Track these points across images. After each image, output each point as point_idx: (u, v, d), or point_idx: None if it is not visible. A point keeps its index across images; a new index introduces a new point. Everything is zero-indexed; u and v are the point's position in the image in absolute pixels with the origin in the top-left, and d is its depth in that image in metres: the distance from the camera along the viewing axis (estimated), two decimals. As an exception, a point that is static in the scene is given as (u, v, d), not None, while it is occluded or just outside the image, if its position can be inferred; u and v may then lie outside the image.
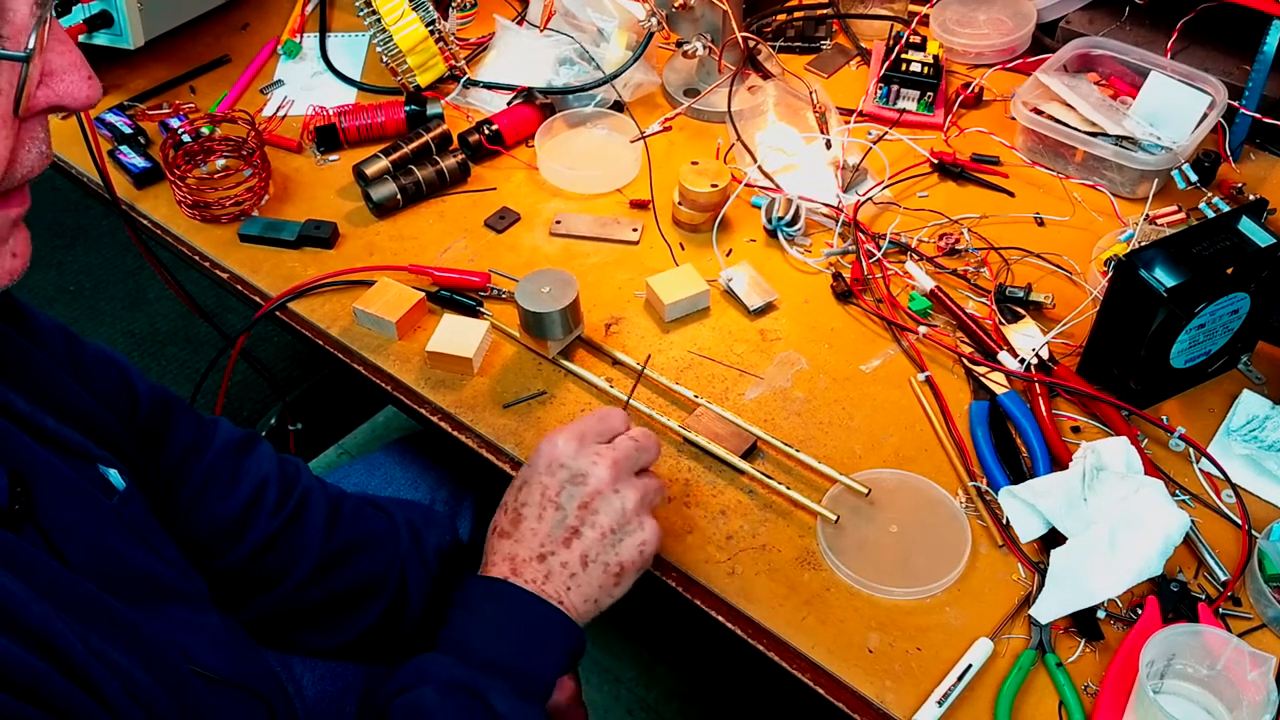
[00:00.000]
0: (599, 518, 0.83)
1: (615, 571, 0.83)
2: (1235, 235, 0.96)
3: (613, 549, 0.83)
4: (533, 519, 0.84)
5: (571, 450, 0.84)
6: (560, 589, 0.82)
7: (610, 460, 0.84)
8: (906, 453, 0.99)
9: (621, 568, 0.83)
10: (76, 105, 0.62)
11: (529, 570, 0.82)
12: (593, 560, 0.82)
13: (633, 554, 0.83)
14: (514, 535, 0.84)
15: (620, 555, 0.83)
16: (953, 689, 0.82)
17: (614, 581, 0.83)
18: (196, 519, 0.88)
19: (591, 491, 0.83)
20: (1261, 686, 0.78)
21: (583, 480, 0.83)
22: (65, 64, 0.62)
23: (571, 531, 0.83)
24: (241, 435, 0.94)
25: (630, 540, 0.83)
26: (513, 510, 0.85)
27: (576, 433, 0.86)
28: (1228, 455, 0.97)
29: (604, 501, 0.83)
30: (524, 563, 0.83)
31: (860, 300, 1.12)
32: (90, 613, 0.64)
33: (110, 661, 0.61)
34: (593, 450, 0.85)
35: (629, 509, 0.83)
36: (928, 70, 1.30)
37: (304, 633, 0.94)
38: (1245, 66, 1.22)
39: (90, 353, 0.85)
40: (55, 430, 0.72)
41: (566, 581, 0.82)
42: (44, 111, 0.62)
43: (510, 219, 1.24)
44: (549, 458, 0.85)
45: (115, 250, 2.54)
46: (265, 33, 1.53)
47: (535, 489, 0.85)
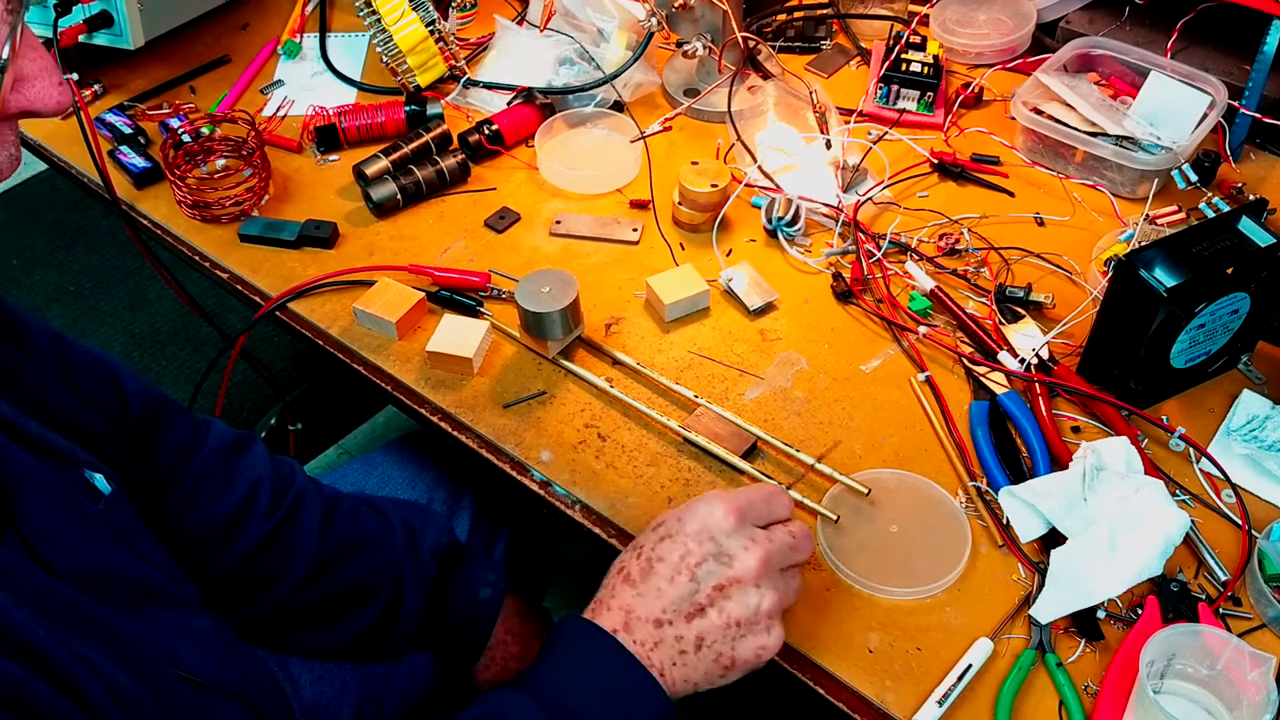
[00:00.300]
0: (730, 604, 0.78)
1: (726, 664, 0.78)
2: (1235, 235, 0.96)
3: (732, 642, 0.78)
4: (664, 579, 0.78)
5: (729, 526, 0.79)
6: (666, 661, 0.77)
7: (763, 552, 0.78)
8: (906, 453, 0.99)
9: (734, 662, 0.78)
10: (47, 111, 0.63)
11: (641, 630, 0.78)
12: (708, 645, 0.78)
13: (749, 654, 0.78)
14: (639, 588, 0.79)
15: (736, 651, 0.78)
16: (953, 689, 0.82)
17: (721, 673, 0.78)
18: (190, 520, 0.88)
19: (733, 576, 0.78)
20: (1261, 686, 0.78)
21: (728, 561, 0.78)
22: (37, 70, 0.62)
23: (698, 609, 0.78)
24: (235, 436, 0.94)
25: (752, 640, 0.78)
26: (645, 559, 0.80)
27: (739, 507, 0.80)
28: (1228, 455, 0.97)
29: (741, 591, 0.78)
30: (640, 621, 0.78)
31: (860, 300, 1.12)
32: (73, 619, 0.63)
33: (94, 667, 0.61)
34: (748, 534, 0.79)
35: (764, 609, 0.78)
36: (928, 70, 1.30)
37: (299, 635, 0.94)
38: (1245, 66, 1.21)
39: (79, 355, 0.85)
40: (39, 435, 0.72)
41: (675, 657, 0.78)
42: (14, 117, 0.63)
43: (510, 219, 1.24)
44: (701, 523, 0.79)
45: (115, 250, 2.54)
46: (265, 33, 1.53)
47: (677, 549, 0.79)
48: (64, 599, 0.64)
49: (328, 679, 1.01)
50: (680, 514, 0.81)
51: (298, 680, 1.00)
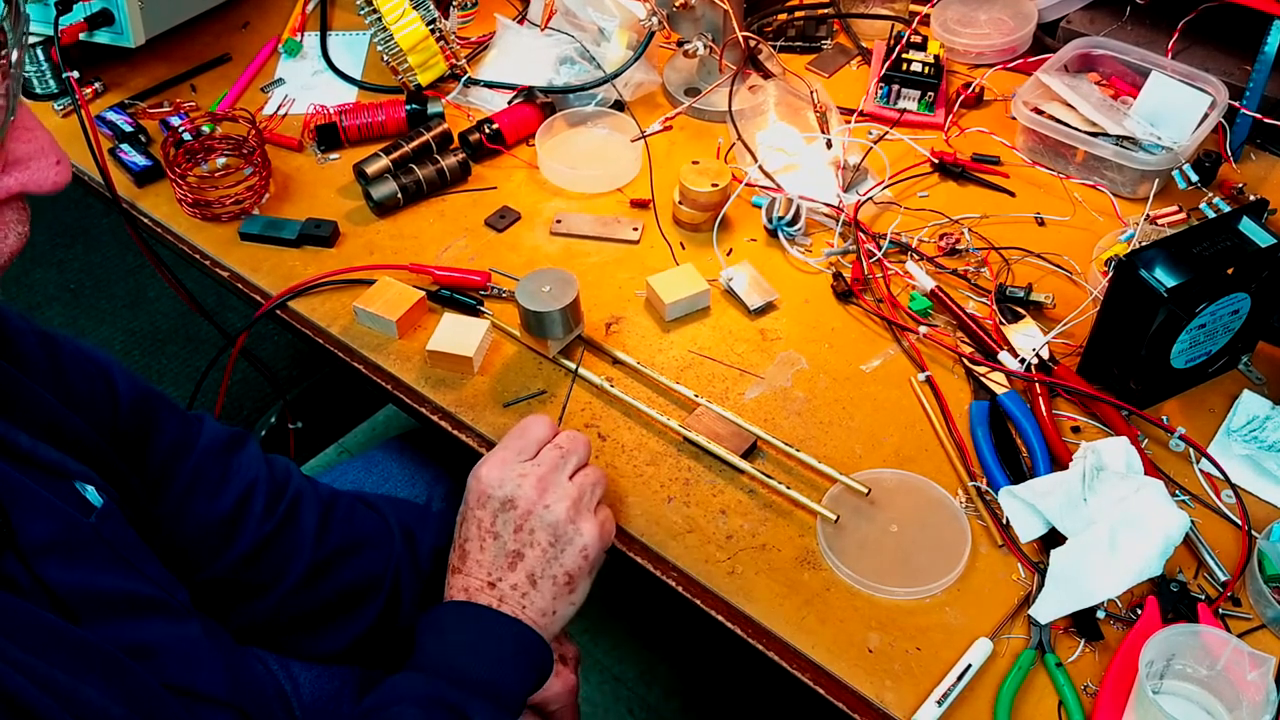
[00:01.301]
0: (535, 535, 0.85)
1: (564, 581, 0.85)
2: (1236, 235, 0.96)
3: (556, 561, 0.85)
4: (476, 552, 0.87)
5: (496, 478, 0.87)
6: (515, 608, 0.85)
7: (535, 478, 0.86)
8: (906, 453, 0.99)
9: (570, 576, 0.86)
10: (44, 192, 0.63)
11: (482, 597, 0.85)
12: (540, 576, 0.85)
13: (577, 561, 0.85)
14: (463, 570, 0.87)
15: (565, 565, 0.85)
16: (952, 689, 0.82)
17: (567, 590, 0.86)
18: (184, 521, 0.88)
19: (522, 514, 0.85)
20: (1261, 687, 0.78)
21: (511, 505, 0.86)
22: (34, 150, 0.62)
23: (514, 555, 0.85)
24: (228, 435, 0.94)
25: (571, 549, 0.85)
26: (459, 547, 0.88)
27: (498, 460, 0.88)
28: (1228, 455, 0.97)
29: (536, 519, 0.85)
30: (476, 591, 0.85)
31: (860, 300, 1.12)
32: (56, 646, 0.63)
33: (76, 698, 0.61)
34: (516, 472, 0.87)
35: (561, 519, 0.85)
36: (928, 70, 1.30)
37: (298, 638, 0.94)
38: (1246, 66, 1.21)
39: (70, 356, 0.85)
40: (30, 449, 0.72)
41: (520, 601, 0.85)
42: (15, 197, 0.63)
43: (511, 218, 1.24)
44: (477, 492, 0.87)
45: (116, 249, 2.54)
46: (266, 31, 1.53)
47: (472, 524, 0.87)
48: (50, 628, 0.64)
49: (327, 677, 1.01)
50: (465, 496, 0.89)
51: (297, 678, 1.00)
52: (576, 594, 0.87)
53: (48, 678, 0.60)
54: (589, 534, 0.86)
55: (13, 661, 0.59)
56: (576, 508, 0.86)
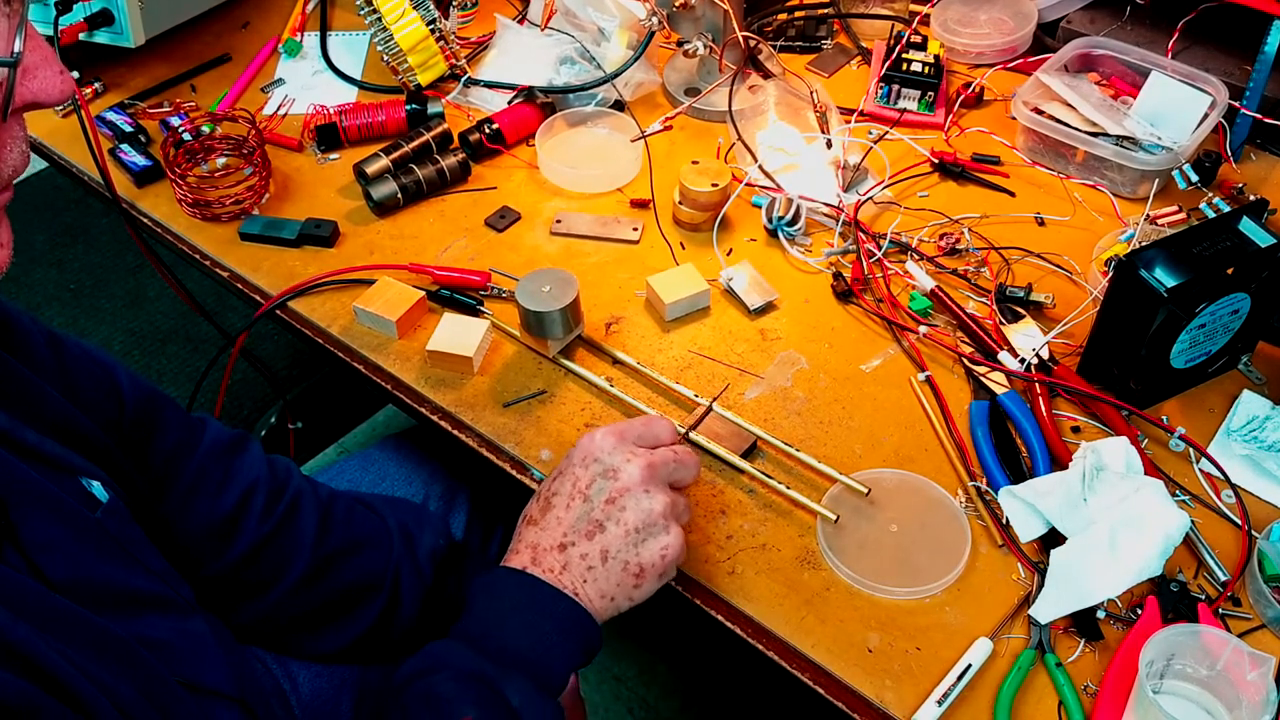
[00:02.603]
0: (625, 514, 0.82)
1: (635, 571, 0.82)
2: (1236, 235, 0.96)
3: (634, 548, 0.82)
4: (560, 508, 0.84)
5: (609, 445, 0.84)
6: (577, 580, 0.82)
7: (645, 461, 0.84)
8: (906, 452, 0.99)
9: (641, 569, 0.82)
10: (52, 101, 0.63)
11: (548, 559, 0.82)
12: (613, 556, 0.82)
13: (654, 557, 0.82)
14: (540, 523, 0.84)
15: (641, 556, 0.82)
16: (952, 689, 0.82)
17: (633, 582, 0.83)
18: (185, 521, 0.88)
19: (620, 487, 0.83)
20: (1261, 687, 0.78)
21: (614, 475, 0.83)
22: (38, 60, 0.62)
23: (596, 525, 0.82)
24: (230, 436, 0.94)
25: (653, 542, 0.83)
26: (544, 499, 0.86)
27: (617, 430, 0.86)
28: (1228, 455, 0.97)
29: (632, 499, 0.83)
30: (545, 551, 0.83)
31: (860, 300, 1.12)
32: (74, 631, 0.64)
33: (97, 680, 0.61)
34: (629, 449, 0.84)
35: (656, 510, 0.83)
36: (928, 70, 1.30)
37: (298, 637, 0.94)
38: (1246, 67, 1.21)
39: (76, 357, 0.85)
40: (36, 444, 0.72)
41: (584, 574, 0.82)
42: (21, 109, 0.62)
43: (511, 218, 1.24)
44: (585, 450, 0.85)
45: (116, 248, 2.54)
46: (266, 31, 1.53)
47: (568, 480, 0.85)
48: (64, 612, 0.64)
49: (326, 676, 1.02)
50: (569, 453, 0.87)
51: (296, 678, 1.00)
52: (640, 590, 0.83)
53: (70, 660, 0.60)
54: (675, 538, 0.83)
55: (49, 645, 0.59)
56: (673, 510, 0.84)
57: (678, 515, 0.85)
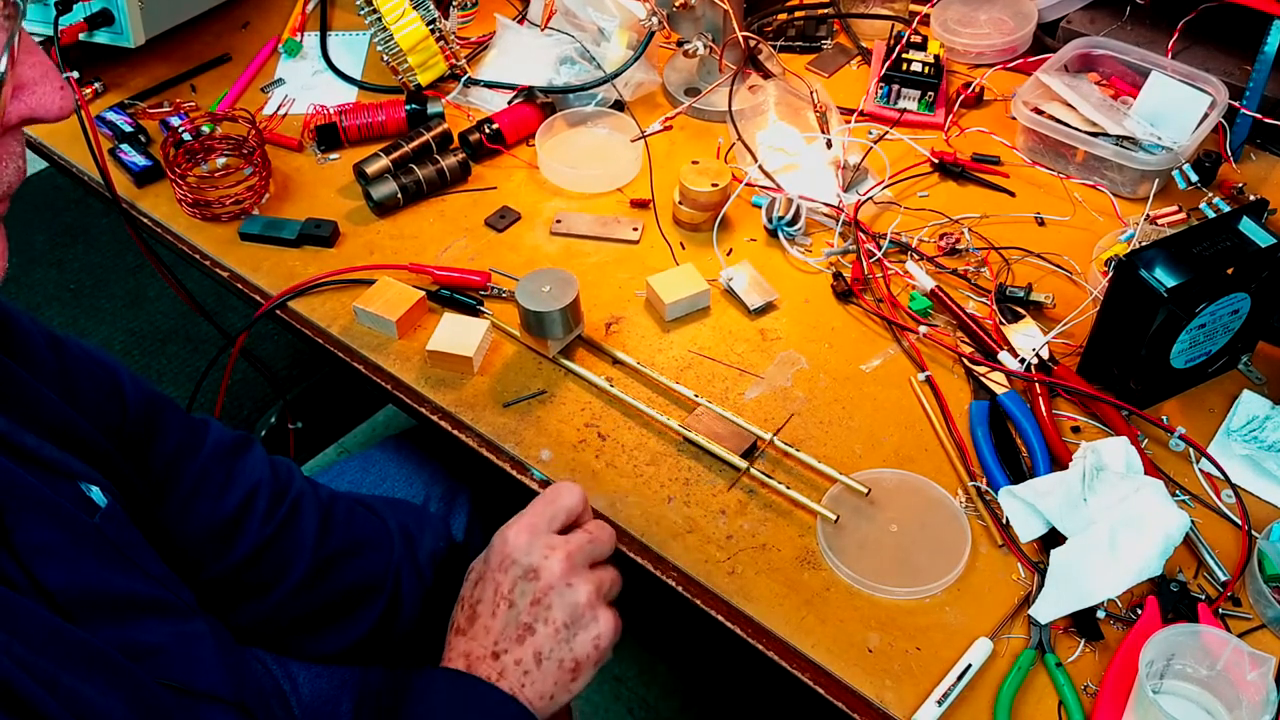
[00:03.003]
0: (552, 613, 0.81)
1: (570, 667, 0.81)
2: (1236, 235, 0.96)
3: (567, 645, 0.81)
4: (486, 616, 0.83)
5: (523, 544, 0.83)
6: (514, 686, 0.80)
7: (563, 554, 0.82)
8: (906, 452, 0.99)
9: (576, 663, 0.82)
10: (50, 117, 0.62)
11: (483, 667, 0.81)
12: (547, 657, 0.81)
13: (587, 649, 0.82)
14: (469, 632, 0.83)
15: (575, 651, 0.81)
16: (952, 689, 0.82)
17: (570, 677, 0.82)
18: (187, 524, 0.88)
19: (544, 586, 0.81)
20: (1261, 687, 0.78)
21: (535, 576, 0.82)
22: (37, 76, 0.61)
23: (525, 629, 0.81)
24: (233, 439, 0.94)
25: (585, 635, 0.82)
26: (469, 607, 0.85)
27: (528, 525, 0.84)
28: (1228, 455, 0.97)
29: (557, 596, 0.81)
30: (478, 660, 0.81)
31: (860, 300, 1.12)
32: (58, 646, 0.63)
33: (77, 698, 0.61)
34: (545, 543, 0.83)
35: (582, 603, 0.81)
36: (928, 70, 1.30)
37: (299, 638, 0.94)
38: (1246, 67, 1.22)
39: (78, 359, 0.84)
40: (34, 448, 0.72)
41: (520, 679, 0.81)
42: (18, 125, 0.61)
43: (511, 218, 1.24)
44: (500, 554, 0.84)
45: (116, 248, 2.54)
46: (266, 31, 1.53)
47: (489, 586, 0.83)
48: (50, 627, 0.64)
49: (325, 676, 1.01)
50: (485, 554, 0.85)
51: (296, 678, 1.00)
52: (578, 683, 0.82)
53: (50, 676, 0.60)
54: (605, 624, 0.82)
55: (16, 659, 0.59)
56: (598, 595, 0.83)
57: (605, 595, 0.84)
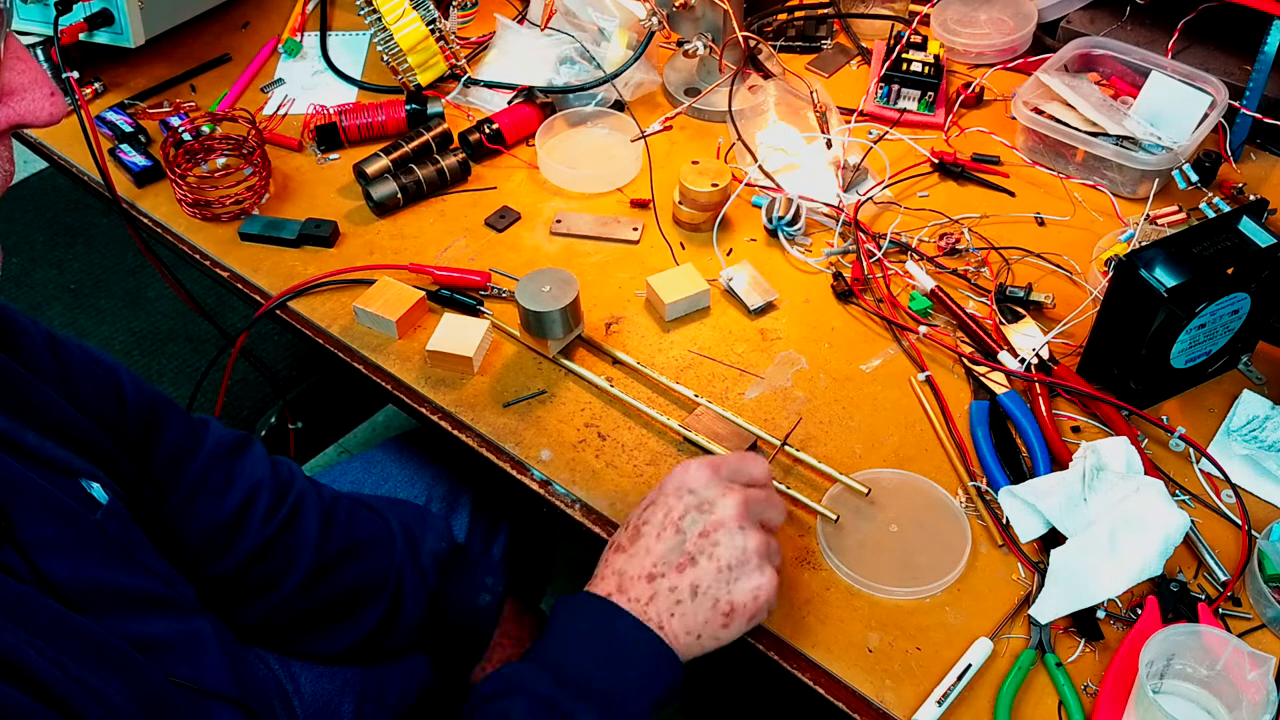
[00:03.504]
0: (719, 550, 0.79)
1: (725, 610, 0.79)
2: (1236, 235, 0.96)
3: (726, 586, 0.79)
4: (651, 538, 0.81)
5: (704, 478, 0.82)
6: (663, 613, 0.79)
7: (741, 497, 0.81)
8: (906, 452, 0.99)
9: (732, 607, 0.79)
10: (39, 123, 0.62)
11: (635, 588, 0.79)
12: (703, 592, 0.79)
13: (746, 596, 0.79)
14: (629, 551, 0.81)
15: (733, 594, 0.79)
16: (952, 689, 0.82)
17: (722, 621, 0.79)
18: (188, 523, 0.88)
19: (715, 521, 0.80)
20: (1261, 687, 0.78)
21: (709, 509, 0.80)
22: (26, 82, 0.61)
23: (688, 558, 0.79)
24: (233, 438, 0.94)
25: (747, 581, 0.79)
26: (634, 527, 0.83)
27: (712, 464, 0.83)
28: (1228, 455, 0.97)
29: (726, 535, 0.79)
30: (632, 580, 0.80)
31: (860, 300, 1.12)
32: (66, 637, 0.63)
33: (88, 685, 0.61)
34: (724, 483, 0.82)
35: (750, 548, 0.79)
36: (928, 70, 1.30)
37: (301, 638, 0.94)
38: (1246, 67, 1.21)
39: (77, 359, 0.85)
40: (36, 446, 0.72)
41: (671, 608, 0.79)
42: (5, 131, 0.61)
43: (511, 218, 1.24)
44: (679, 481, 0.82)
45: (116, 248, 2.54)
46: (266, 31, 1.53)
47: (660, 509, 0.82)
48: (58, 617, 0.64)
49: (327, 677, 1.02)
50: (661, 483, 0.84)
51: (298, 678, 1.00)
52: (729, 631, 0.79)
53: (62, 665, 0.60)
54: (769, 580, 0.80)
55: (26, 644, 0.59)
56: (767, 549, 0.81)
57: (771, 557, 0.81)
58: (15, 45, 0.61)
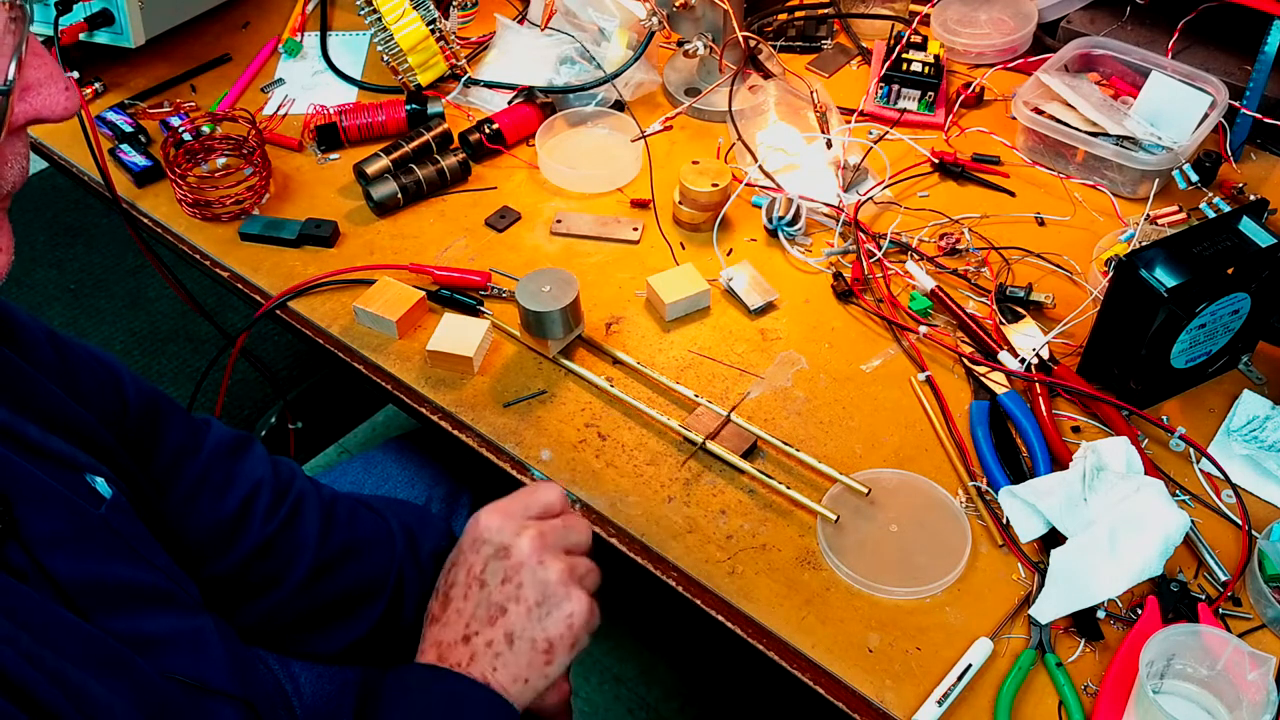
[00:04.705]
0: (524, 590, 0.80)
1: (544, 649, 0.79)
2: (1236, 235, 0.96)
3: (539, 624, 0.79)
4: (459, 599, 0.82)
5: (495, 524, 0.82)
6: (486, 669, 0.79)
7: (535, 533, 0.81)
8: (907, 452, 0.99)
9: (550, 644, 0.79)
10: (55, 117, 0.62)
11: (454, 654, 0.80)
12: (519, 637, 0.79)
13: (560, 628, 0.79)
14: (442, 619, 0.82)
15: (548, 630, 0.79)
16: (953, 689, 0.82)
17: (544, 659, 0.79)
18: (189, 522, 0.88)
19: (514, 565, 0.80)
20: (1261, 687, 0.78)
21: (505, 554, 0.81)
22: (43, 77, 0.62)
23: (497, 609, 0.80)
24: (234, 437, 0.94)
25: (557, 614, 0.79)
26: (442, 594, 0.84)
27: (502, 509, 0.84)
28: (1228, 455, 0.97)
29: (528, 573, 0.80)
30: (449, 647, 0.80)
31: (861, 300, 1.12)
32: (67, 641, 0.63)
33: (89, 695, 0.61)
34: (517, 523, 0.83)
35: (553, 580, 0.80)
36: (928, 70, 1.30)
37: (302, 637, 0.94)
38: (1246, 67, 1.22)
39: (79, 356, 0.85)
40: (39, 440, 0.72)
41: (493, 661, 0.79)
42: (23, 126, 0.62)
43: (511, 218, 1.24)
44: (473, 535, 0.83)
45: (116, 249, 2.53)
46: (266, 31, 1.53)
47: (462, 569, 0.83)
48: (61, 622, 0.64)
49: (328, 678, 1.02)
50: (459, 540, 0.85)
51: (298, 679, 1.00)
52: (553, 667, 0.80)
53: (57, 670, 0.60)
54: (579, 603, 0.80)
55: (25, 653, 0.59)
56: (571, 575, 0.81)
57: (579, 579, 0.82)
58: (34, 43, 0.62)
